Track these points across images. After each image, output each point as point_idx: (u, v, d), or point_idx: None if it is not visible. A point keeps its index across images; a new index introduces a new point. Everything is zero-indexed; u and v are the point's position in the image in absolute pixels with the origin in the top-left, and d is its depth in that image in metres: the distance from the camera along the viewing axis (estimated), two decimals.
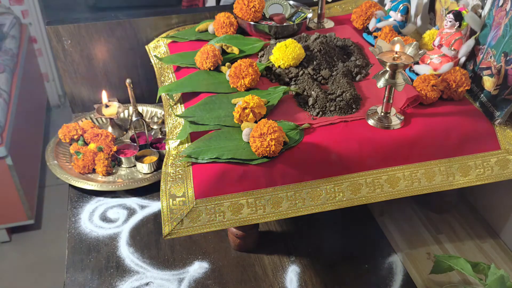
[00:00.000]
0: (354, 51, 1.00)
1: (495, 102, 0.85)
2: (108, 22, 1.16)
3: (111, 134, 1.10)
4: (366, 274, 0.87)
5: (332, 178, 0.79)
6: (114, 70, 1.23)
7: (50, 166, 1.05)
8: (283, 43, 0.93)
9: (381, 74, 0.78)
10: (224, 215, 0.75)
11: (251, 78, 0.88)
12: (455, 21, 0.89)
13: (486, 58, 0.87)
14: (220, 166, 0.77)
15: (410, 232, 0.97)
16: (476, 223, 0.99)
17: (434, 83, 0.85)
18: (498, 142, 0.84)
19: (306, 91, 0.89)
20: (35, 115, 2.53)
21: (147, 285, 0.84)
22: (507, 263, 0.90)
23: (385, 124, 0.82)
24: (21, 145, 2.03)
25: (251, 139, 0.76)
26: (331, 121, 0.84)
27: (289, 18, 1.11)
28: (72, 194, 1.02)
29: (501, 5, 0.84)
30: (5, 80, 2.07)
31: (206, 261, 0.89)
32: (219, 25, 1.08)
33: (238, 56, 1.00)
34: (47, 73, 2.79)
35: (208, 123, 0.84)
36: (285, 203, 0.77)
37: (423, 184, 0.81)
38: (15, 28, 2.45)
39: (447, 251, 0.93)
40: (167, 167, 0.79)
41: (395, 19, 1.05)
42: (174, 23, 1.20)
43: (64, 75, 1.21)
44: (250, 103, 0.80)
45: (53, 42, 1.16)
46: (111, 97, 1.21)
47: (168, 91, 0.93)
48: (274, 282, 0.85)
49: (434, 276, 0.86)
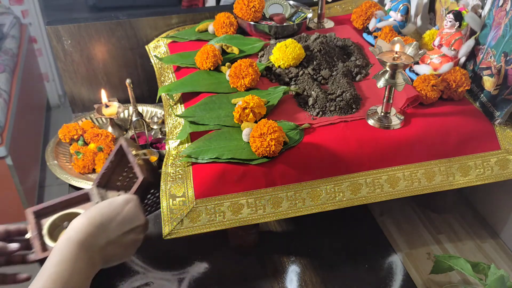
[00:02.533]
0: (354, 51, 1.00)
1: (495, 102, 0.85)
2: (108, 22, 1.16)
3: (111, 134, 1.10)
4: (366, 274, 0.87)
5: (332, 178, 0.79)
6: (114, 70, 1.23)
7: (50, 166, 1.05)
8: (283, 43, 0.93)
9: (381, 74, 0.78)
10: (224, 215, 0.75)
11: (251, 78, 0.88)
12: (455, 21, 0.89)
13: (486, 58, 0.87)
14: (220, 166, 0.77)
15: (410, 232, 0.97)
16: (476, 223, 0.99)
17: (434, 83, 0.85)
18: (498, 142, 0.84)
19: (306, 91, 0.89)
20: (35, 115, 2.53)
21: (147, 285, 0.84)
22: (507, 263, 0.90)
23: (385, 124, 0.82)
24: (21, 145, 2.03)
25: (251, 139, 0.76)
26: (331, 121, 0.84)
27: (289, 18, 1.11)
28: None
29: (501, 5, 0.84)
30: (5, 80, 2.07)
31: (206, 261, 0.88)
32: (219, 25, 1.08)
33: (238, 56, 1.00)
34: (47, 73, 2.79)
35: (208, 123, 0.84)
36: (285, 203, 0.77)
37: (423, 184, 0.81)
38: (15, 28, 2.45)
39: (447, 251, 0.93)
40: (167, 167, 0.79)
41: (395, 19, 1.05)
42: (174, 23, 1.20)
43: (64, 75, 1.21)
44: (250, 103, 0.80)
45: (53, 42, 1.16)
46: (111, 97, 1.21)
47: (168, 91, 0.93)
48: (274, 282, 0.85)
49: (434, 276, 0.86)
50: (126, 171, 0.84)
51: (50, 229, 0.77)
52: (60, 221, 0.78)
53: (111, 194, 0.83)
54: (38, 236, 0.74)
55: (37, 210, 0.78)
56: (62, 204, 0.80)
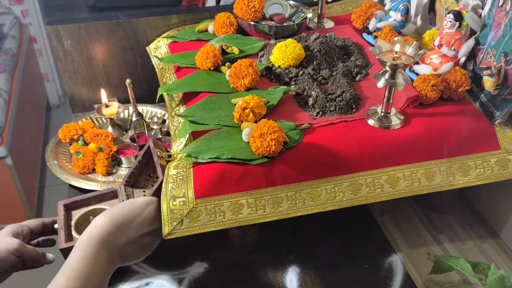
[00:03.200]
0: (354, 51, 1.00)
1: (495, 102, 0.85)
2: (108, 22, 1.16)
3: (111, 134, 1.10)
4: (366, 274, 0.87)
5: (332, 178, 0.79)
6: (114, 70, 1.23)
7: (50, 166, 1.05)
8: (283, 43, 0.93)
9: (381, 74, 0.78)
10: (224, 215, 0.75)
11: (251, 78, 0.88)
12: (455, 21, 0.89)
13: (486, 58, 0.87)
14: (220, 166, 0.77)
15: (410, 232, 0.97)
16: (476, 223, 0.99)
17: (434, 83, 0.85)
18: (498, 142, 0.84)
19: (306, 91, 0.89)
20: (35, 115, 2.53)
21: (147, 285, 0.84)
22: (507, 263, 0.90)
23: (385, 124, 0.82)
24: (21, 145, 2.03)
25: (251, 139, 0.76)
26: (331, 121, 0.84)
27: (289, 18, 1.11)
28: (72, 194, 1.02)
29: (501, 5, 0.84)
30: (5, 80, 2.07)
31: (206, 261, 0.89)
32: (219, 25, 1.08)
33: (238, 56, 1.00)
34: (47, 73, 2.79)
35: (208, 123, 0.84)
36: (285, 203, 0.77)
37: (423, 184, 0.81)
38: (15, 28, 2.45)
39: (447, 251, 0.93)
40: (169, 169, 0.79)
41: (395, 19, 1.05)
42: (174, 23, 1.20)
43: (64, 75, 1.21)
44: (250, 103, 0.80)
45: (53, 42, 1.16)
46: (111, 97, 1.21)
47: (168, 91, 0.93)
48: (274, 282, 0.85)
49: (434, 276, 0.86)
50: (154, 171, 0.88)
51: (78, 222, 0.82)
52: (88, 215, 0.82)
53: (137, 193, 0.86)
54: (64, 227, 0.80)
55: (68, 203, 0.84)
56: (91, 199, 0.85)
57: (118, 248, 0.66)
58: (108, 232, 0.66)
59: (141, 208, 0.71)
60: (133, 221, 0.69)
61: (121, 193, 0.85)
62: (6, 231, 0.76)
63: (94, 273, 0.61)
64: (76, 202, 0.84)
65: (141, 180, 0.88)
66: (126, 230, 0.68)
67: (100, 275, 0.62)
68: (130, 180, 0.87)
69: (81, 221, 0.83)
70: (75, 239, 0.79)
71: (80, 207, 0.85)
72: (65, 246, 0.76)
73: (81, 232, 0.80)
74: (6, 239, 0.74)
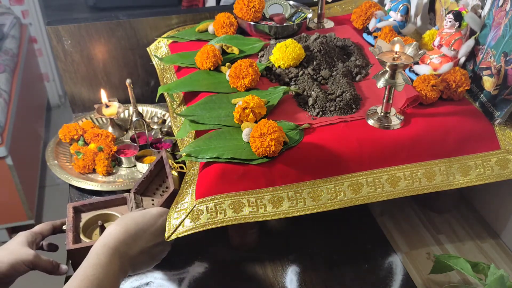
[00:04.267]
0: (354, 51, 1.00)
1: (495, 102, 0.85)
2: (108, 22, 1.16)
3: (111, 134, 1.10)
4: (366, 274, 0.87)
5: (333, 178, 0.79)
6: (114, 70, 1.23)
7: (50, 166, 1.05)
8: (283, 43, 0.93)
9: (381, 74, 0.78)
10: (225, 214, 0.75)
11: (251, 78, 0.88)
12: (455, 21, 0.89)
13: (486, 58, 0.87)
14: (220, 166, 0.77)
15: (410, 232, 0.97)
16: (476, 223, 0.99)
17: (434, 83, 0.85)
18: (498, 142, 0.84)
19: (306, 91, 0.89)
20: (35, 115, 2.53)
21: (147, 285, 0.84)
22: (507, 263, 0.90)
23: (385, 124, 0.82)
24: (21, 145, 2.03)
25: (251, 139, 0.76)
26: (331, 121, 0.84)
27: (289, 18, 1.11)
28: (72, 194, 1.02)
29: (501, 5, 0.84)
30: (5, 80, 2.07)
31: (206, 261, 0.89)
32: (219, 25, 1.08)
33: (238, 56, 1.00)
34: (47, 73, 2.79)
35: (208, 123, 0.84)
36: (286, 203, 0.77)
37: (424, 183, 0.81)
38: (15, 28, 2.45)
39: (447, 251, 0.93)
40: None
41: (395, 19, 1.05)
42: (174, 23, 1.20)
43: (64, 75, 1.21)
44: (250, 103, 0.80)
45: (53, 42, 1.16)
46: (111, 97, 1.21)
47: (167, 91, 0.93)
48: (274, 282, 0.85)
49: (434, 276, 0.86)
50: (165, 182, 0.90)
51: (86, 224, 0.83)
52: (96, 219, 0.84)
53: (146, 201, 0.89)
54: (73, 229, 0.81)
55: (77, 206, 0.86)
56: (100, 203, 0.87)
57: (130, 257, 0.69)
58: (122, 241, 0.68)
59: (154, 219, 0.73)
60: (146, 232, 0.71)
61: (131, 200, 0.87)
62: (20, 240, 0.76)
63: (107, 280, 0.63)
64: (85, 205, 0.86)
65: (150, 188, 0.90)
66: (139, 240, 0.70)
67: (112, 282, 0.64)
68: (140, 188, 0.89)
69: (89, 224, 0.84)
70: (83, 241, 0.81)
71: (89, 211, 0.86)
72: (73, 248, 0.77)
73: (88, 235, 0.82)
74: (22, 249, 0.74)
